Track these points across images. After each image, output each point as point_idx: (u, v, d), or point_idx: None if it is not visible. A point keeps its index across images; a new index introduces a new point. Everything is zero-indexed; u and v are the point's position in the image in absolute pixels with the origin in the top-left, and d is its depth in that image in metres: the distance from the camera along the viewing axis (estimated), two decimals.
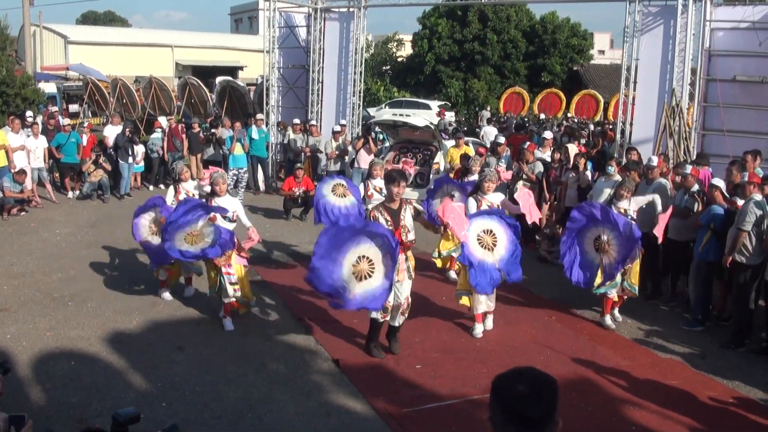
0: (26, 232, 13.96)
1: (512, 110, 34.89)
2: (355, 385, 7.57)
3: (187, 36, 57.79)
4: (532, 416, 2.48)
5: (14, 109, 21.23)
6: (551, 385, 2.55)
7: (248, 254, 9.62)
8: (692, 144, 14.27)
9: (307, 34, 20.31)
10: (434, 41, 42.77)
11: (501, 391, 2.53)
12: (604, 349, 8.82)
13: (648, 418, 7.02)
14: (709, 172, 11.88)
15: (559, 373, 7.46)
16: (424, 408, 7.14)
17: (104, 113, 27.26)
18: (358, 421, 6.86)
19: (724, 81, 14.18)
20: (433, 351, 8.61)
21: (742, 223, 8.86)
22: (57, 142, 17.58)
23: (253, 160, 18.49)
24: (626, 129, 15.50)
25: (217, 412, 6.94)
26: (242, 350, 8.47)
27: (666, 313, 10.39)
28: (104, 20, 76.09)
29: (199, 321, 9.53)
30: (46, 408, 6.86)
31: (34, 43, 41.44)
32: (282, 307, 10.03)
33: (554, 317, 9.85)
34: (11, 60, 25.75)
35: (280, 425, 6.74)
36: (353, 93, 19.75)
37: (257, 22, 65.22)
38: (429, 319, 9.63)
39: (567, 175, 13.29)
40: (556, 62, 42.91)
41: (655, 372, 8.17)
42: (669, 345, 9.03)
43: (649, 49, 14.91)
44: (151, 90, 26.10)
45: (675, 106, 14.19)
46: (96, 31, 57.15)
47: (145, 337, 8.75)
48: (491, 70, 42.77)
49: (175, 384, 7.51)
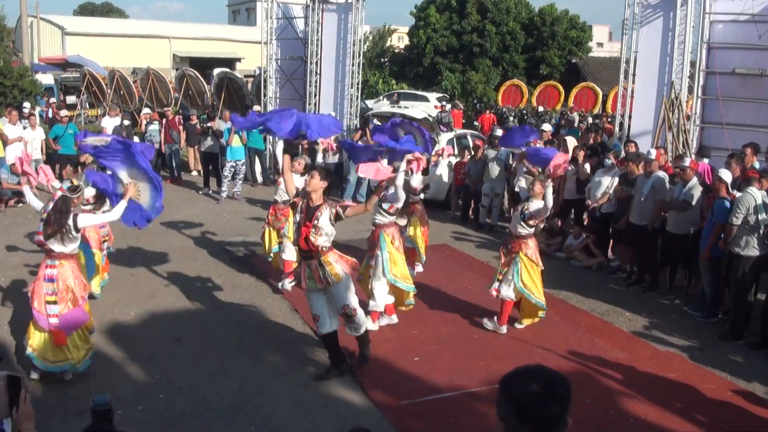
0: (23, 224, 13.92)
1: (510, 103, 34.81)
2: (352, 377, 7.57)
3: (185, 27, 57.69)
4: (549, 415, 2.47)
5: (11, 100, 21.17)
6: (564, 384, 2.54)
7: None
8: (691, 137, 14.24)
9: (305, 25, 20.21)
10: (429, 32, 42.65)
11: (514, 391, 2.51)
12: (603, 342, 8.82)
13: (646, 410, 7.03)
14: (707, 165, 11.87)
15: (557, 365, 7.46)
16: (421, 400, 7.15)
17: (102, 105, 27.16)
18: (355, 413, 6.86)
19: (723, 74, 14.13)
20: (431, 343, 8.61)
21: (731, 217, 8.87)
22: (54, 134, 17.56)
23: (251, 152, 18.46)
24: (625, 122, 15.47)
25: (215, 403, 6.94)
26: (240, 342, 8.46)
27: (664, 305, 10.38)
28: (101, 11, 75.85)
29: (197, 313, 9.52)
30: (44, 400, 6.84)
31: (32, 35, 41.28)
32: (279, 299, 10.02)
33: (552, 310, 9.84)
34: (8, 51, 25.67)
35: (277, 417, 6.74)
36: (351, 85, 19.68)
37: (255, 14, 65.12)
38: (426, 312, 9.63)
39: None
40: (555, 54, 42.81)
41: (653, 365, 8.17)
42: (667, 338, 9.03)
43: (648, 42, 14.85)
44: (148, 81, 26.00)
45: (674, 98, 14.16)
46: (93, 22, 57.04)
47: (142, 329, 8.74)
48: (490, 62, 42.69)
49: (173, 376, 7.51)
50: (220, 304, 9.85)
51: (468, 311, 9.67)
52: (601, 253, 12.17)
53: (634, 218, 10.94)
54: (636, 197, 10.95)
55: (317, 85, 19.95)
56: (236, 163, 17.05)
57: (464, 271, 11.39)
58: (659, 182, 10.66)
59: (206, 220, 14.59)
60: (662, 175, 10.85)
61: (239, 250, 12.52)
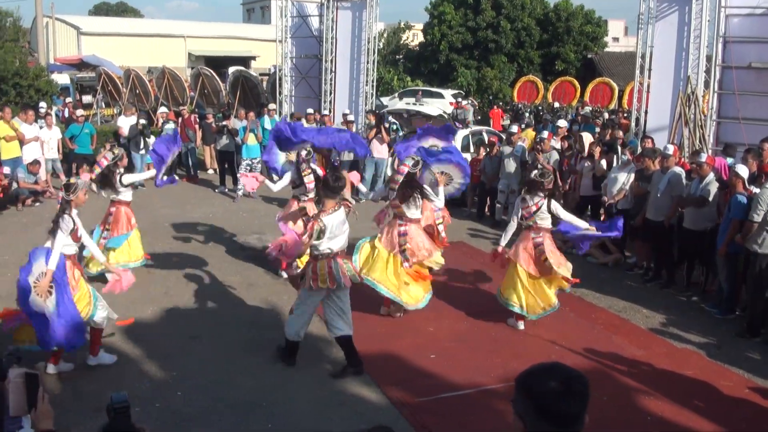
0: (40, 223, 13.96)
1: (526, 99, 34.73)
2: (368, 374, 7.57)
3: (200, 26, 57.88)
4: (570, 412, 2.47)
5: (27, 100, 21.32)
6: (582, 380, 2.54)
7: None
8: (708, 132, 14.16)
9: (320, 23, 20.27)
10: (444, 29, 42.60)
11: (533, 389, 2.51)
12: (619, 339, 8.79)
13: (663, 407, 7.00)
14: (724, 160, 11.79)
15: (574, 362, 7.45)
16: (438, 397, 7.14)
17: (117, 104, 27.31)
18: (371, 410, 6.86)
19: (739, 68, 14.05)
20: (447, 340, 8.61)
21: (752, 214, 8.80)
22: (71, 133, 17.70)
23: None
24: (641, 117, 15.40)
25: (231, 400, 6.97)
26: (256, 340, 8.49)
27: (681, 302, 10.33)
28: (116, 11, 76.15)
29: (213, 311, 9.56)
30: (62, 397, 6.89)
31: (47, 35, 41.55)
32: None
33: (568, 307, 9.81)
34: (24, 51, 25.88)
35: (293, 414, 6.76)
36: (366, 82, 19.72)
37: (269, 12, 65.13)
38: (443, 309, 9.62)
39: (582, 164, 13.23)
40: (570, 50, 42.66)
41: (670, 362, 8.13)
42: (684, 335, 8.98)
43: (663, 36, 14.79)
44: (164, 80, 26.11)
45: (690, 93, 14.09)
46: (108, 22, 57.29)
47: (159, 327, 8.78)
48: (505, 59, 42.59)
49: (190, 373, 7.54)
50: (236, 302, 9.88)
51: (484, 308, 9.65)
52: (617, 249, 12.11)
53: (651, 214, 10.88)
54: (652, 193, 10.88)
55: (332, 83, 20.01)
56: (252, 161, 17.07)
57: (480, 268, 11.36)
58: (675, 178, 10.58)
59: (222, 218, 14.64)
60: (679, 170, 10.77)
61: (255, 248, 12.54)
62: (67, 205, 7.65)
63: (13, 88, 21.63)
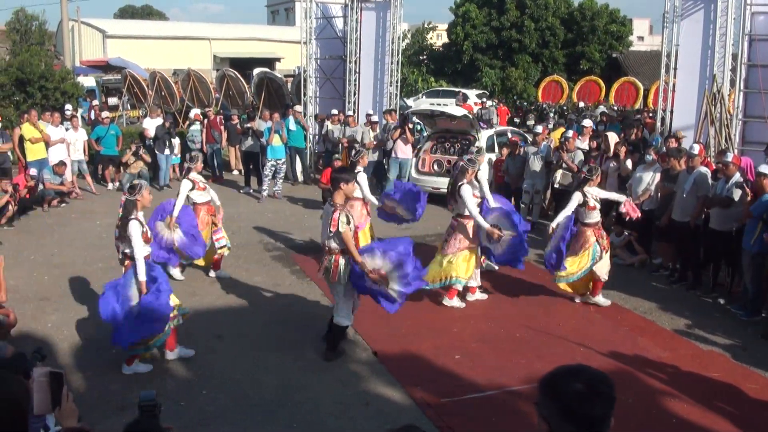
0: (67, 223, 14.16)
1: (551, 99, 34.62)
2: (392, 375, 7.59)
3: (225, 28, 58.26)
4: (596, 415, 2.47)
5: (53, 102, 21.54)
6: (608, 382, 2.53)
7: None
8: (734, 131, 14.02)
9: (344, 24, 20.28)
10: (468, 28, 42.53)
11: (558, 391, 2.51)
12: (645, 341, 8.73)
13: (689, 410, 6.94)
14: (750, 160, 11.68)
15: (599, 364, 7.42)
16: (462, 398, 7.13)
17: (143, 106, 27.53)
18: (395, 410, 6.87)
19: (765, 66, 13.90)
20: (472, 341, 8.60)
21: None
22: (96, 135, 17.89)
23: (291, 150, 18.56)
24: (666, 116, 15.29)
25: (256, 399, 7.01)
26: (280, 339, 8.52)
27: (707, 304, 10.24)
28: (141, 14, 76.81)
29: (238, 310, 9.61)
30: (87, 395, 6.96)
31: (73, 38, 41.96)
32: (320, 297, 10.06)
33: (593, 308, 9.77)
34: (50, 54, 26.12)
35: (317, 414, 6.78)
36: (390, 83, 19.72)
37: (293, 14, 65.49)
38: (467, 309, 9.62)
39: (607, 164, 13.14)
40: (595, 49, 42.48)
41: (696, 364, 8.06)
42: (710, 336, 8.91)
43: (689, 35, 14.65)
44: (189, 82, 26.28)
45: (716, 92, 13.96)
46: (133, 25, 57.84)
47: (184, 326, 8.81)
48: (529, 58, 42.48)
49: (214, 372, 7.59)
50: (261, 302, 9.93)
51: (509, 309, 9.64)
52: (643, 250, 12.02)
53: (676, 215, 10.79)
54: (678, 193, 10.79)
55: (356, 84, 20.02)
56: (277, 162, 17.14)
57: (505, 269, 11.32)
58: (701, 178, 10.49)
59: (247, 219, 14.71)
60: (704, 170, 10.67)
61: (281, 249, 12.59)
62: (132, 206, 7.64)
63: (39, 91, 21.85)
